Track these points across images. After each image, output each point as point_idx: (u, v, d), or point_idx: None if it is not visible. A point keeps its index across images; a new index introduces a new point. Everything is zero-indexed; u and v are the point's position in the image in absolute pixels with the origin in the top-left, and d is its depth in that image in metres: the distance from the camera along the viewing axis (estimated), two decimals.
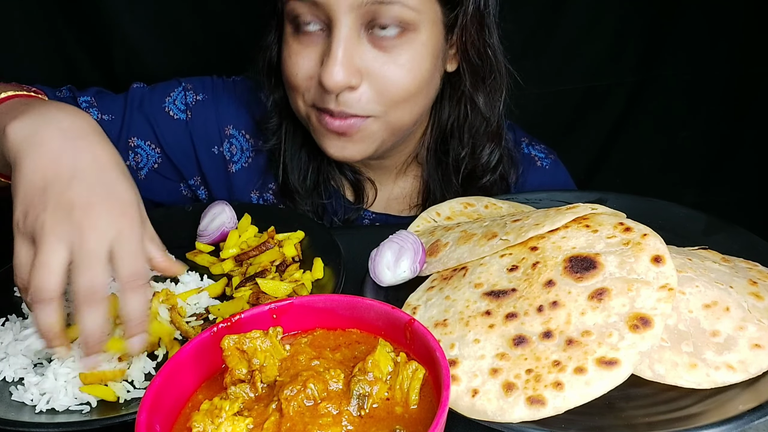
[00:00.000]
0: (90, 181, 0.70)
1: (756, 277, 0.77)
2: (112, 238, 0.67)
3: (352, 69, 0.95)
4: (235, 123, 1.22)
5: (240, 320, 0.66)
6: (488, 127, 1.14)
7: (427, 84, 1.03)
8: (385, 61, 0.97)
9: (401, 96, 1.00)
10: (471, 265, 0.83)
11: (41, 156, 0.70)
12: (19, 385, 0.76)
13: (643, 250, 0.73)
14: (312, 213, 1.20)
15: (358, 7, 0.92)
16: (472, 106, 1.12)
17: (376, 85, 0.98)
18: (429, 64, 1.01)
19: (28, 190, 0.68)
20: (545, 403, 0.63)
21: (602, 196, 1.04)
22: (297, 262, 0.96)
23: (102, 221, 0.67)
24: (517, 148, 1.28)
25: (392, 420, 0.57)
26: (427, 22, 0.98)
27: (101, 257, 0.67)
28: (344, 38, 0.94)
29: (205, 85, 1.22)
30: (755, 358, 0.66)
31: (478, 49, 1.06)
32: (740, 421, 0.60)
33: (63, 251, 0.66)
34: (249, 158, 1.22)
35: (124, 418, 0.68)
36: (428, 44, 1.00)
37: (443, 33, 1.03)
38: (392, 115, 1.02)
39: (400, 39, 0.96)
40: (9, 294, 0.92)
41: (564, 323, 0.69)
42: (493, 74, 1.10)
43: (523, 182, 1.27)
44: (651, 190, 1.06)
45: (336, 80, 0.94)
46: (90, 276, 0.66)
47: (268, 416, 0.57)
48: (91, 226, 0.67)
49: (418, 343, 0.63)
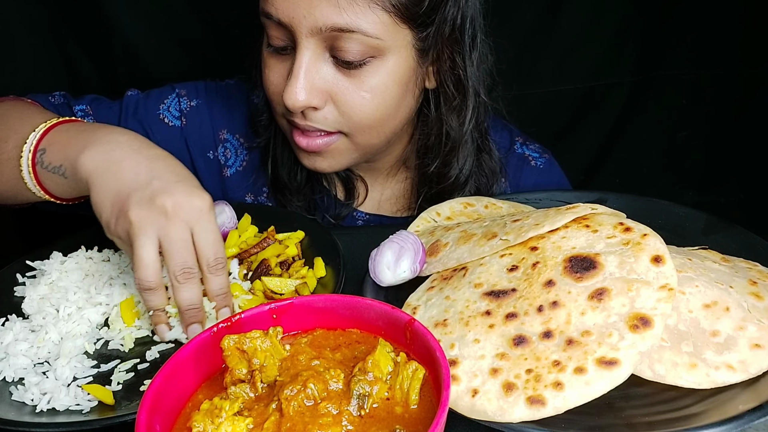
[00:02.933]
0: (167, 177, 0.79)
1: (756, 277, 0.77)
2: (192, 221, 0.77)
3: (314, 91, 0.95)
4: (228, 127, 1.22)
5: (240, 320, 0.66)
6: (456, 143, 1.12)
7: (395, 109, 1.02)
8: (349, 87, 0.96)
9: (366, 122, 1.00)
10: (471, 265, 0.83)
11: (121, 170, 0.79)
12: (20, 385, 0.76)
13: (643, 250, 0.73)
14: (303, 209, 1.20)
15: (319, 33, 0.91)
16: (439, 126, 1.10)
17: (340, 108, 0.98)
18: (397, 90, 0.99)
19: (115, 198, 0.78)
20: (545, 403, 0.63)
21: (602, 196, 1.04)
22: (302, 260, 0.96)
23: (183, 202, 0.76)
24: (511, 148, 1.27)
25: (392, 420, 0.57)
26: (394, 47, 0.96)
27: (186, 241, 0.77)
28: (306, 60, 0.93)
29: (199, 91, 1.22)
30: (755, 358, 0.66)
31: (453, 71, 1.04)
32: (740, 421, 0.60)
33: (153, 246, 0.75)
34: (243, 161, 1.23)
35: (124, 418, 0.68)
36: (396, 70, 0.98)
37: (416, 56, 1.00)
38: (359, 138, 1.02)
39: (365, 66, 0.95)
40: (9, 294, 0.92)
41: (564, 323, 0.69)
42: (467, 95, 1.07)
43: (517, 182, 1.26)
44: (651, 190, 1.06)
45: (293, 101, 0.94)
46: (178, 259, 0.76)
47: (268, 416, 0.57)
48: (174, 214, 0.76)
49: (418, 343, 0.63)
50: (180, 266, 0.76)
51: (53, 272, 0.92)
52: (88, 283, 0.91)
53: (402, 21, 0.94)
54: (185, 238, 0.77)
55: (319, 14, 0.89)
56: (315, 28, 0.91)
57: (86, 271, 0.94)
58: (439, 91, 1.07)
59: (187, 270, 0.77)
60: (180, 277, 0.76)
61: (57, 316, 0.85)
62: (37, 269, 0.96)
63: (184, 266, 0.76)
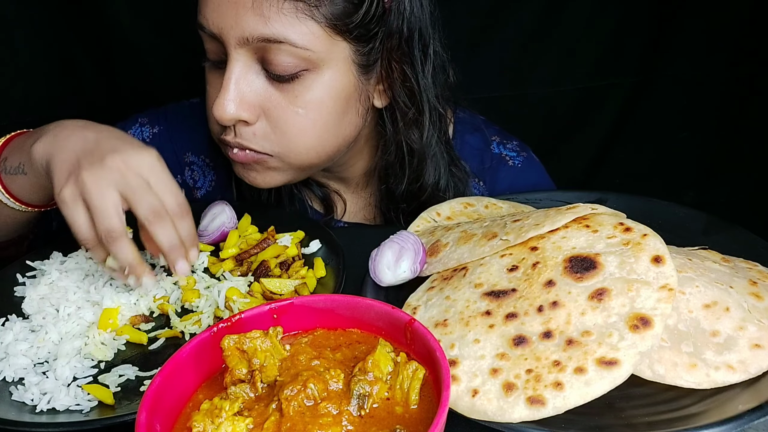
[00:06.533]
0: (112, 139, 0.82)
1: (756, 277, 0.77)
2: (146, 174, 0.80)
3: (245, 104, 0.93)
4: (192, 149, 1.20)
5: (240, 320, 0.66)
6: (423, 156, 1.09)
7: (334, 126, 0.98)
8: (282, 102, 0.94)
9: (300, 140, 0.96)
10: (471, 266, 0.83)
11: (68, 143, 0.82)
12: (20, 385, 0.76)
13: (643, 251, 0.73)
14: None
15: (247, 43, 0.89)
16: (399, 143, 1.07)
17: (272, 124, 0.95)
18: (334, 106, 0.96)
19: (64, 167, 0.80)
20: (545, 403, 0.63)
21: (602, 196, 1.03)
22: (301, 260, 0.96)
23: (133, 158, 0.79)
24: (487, 149, 1.24)
25: (392, 420, 0.57)
26: (329, 60, 0.93)
27: (146, 187, 0.79)
28: (235, 72, 0.91)
29: (159, 116, 1.21)
30: (755, 358, 0.66)
31: (405, 84, 1.01)
32: (740, 421, 0.60)
33: (113, 193, 0.77)
34: (212, 181, 1.21)
35: (124, 418, 0.68)
36: (333, 85, 0.94)
37: (357, 71, 0.96)
38: (292, 157, 0.98)
39: (298, 79, 0.92)
40: (9, 294, 0.92)
41: (564, 323, 0.69)
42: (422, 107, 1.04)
43: (493, 182, 1.24)
44: (651, 190, 1.06)
45: (221, 113, 0.92)
46: (145, 203, 0.78)
47: (268, 416, 0.57)
48: (127, 166, 0.78)
49: (418, 343, 0.63)
50: (148, 208, 0.79)
51: (53, 272, 0.92)
52: (88, 283, 0.91)
53: (335, 33, 0.91)
54: (144, 185, 0.79)
55: (246, 24, 0.88)
56: (242, 39, 0.89)
57: (86, 271, 0.94)
58: (394, 107, 1.04)
59: (156, 210, 0.79)
60: (152, 219, 0.79)
61: (57, 316, 0.85)
62: (37, 269, 0.96)
63: (152, 207, 0.79)
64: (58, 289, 0.89)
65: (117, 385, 0.75)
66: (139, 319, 0.86)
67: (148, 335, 0.84)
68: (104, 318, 0.84)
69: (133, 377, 0.76)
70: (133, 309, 0.87)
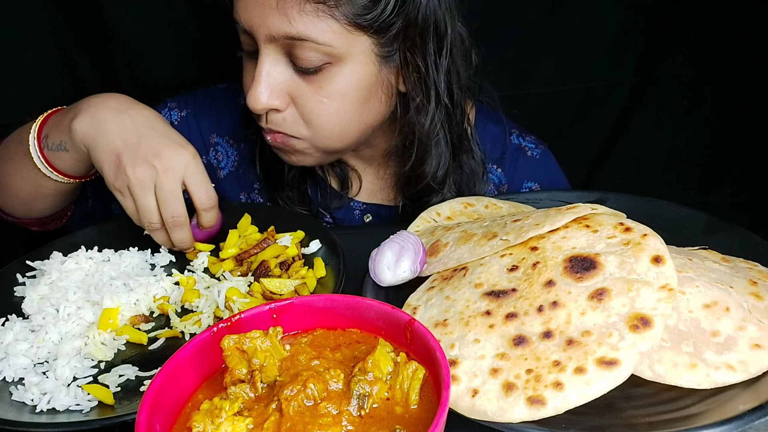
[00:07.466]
0: (151, 136, 0.94)
1: (756, 277, 0.77)
2: (182, 173, 0.93)
3: (276, 93, 1.00)
4: (217, 130, 1.28)
5: (240, 320, 0.66)
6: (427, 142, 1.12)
7: (357, 114, 1.04)
8: (308, 92, 1.00)
9: (325, 126, 1.03)
10: (471, 265, 0.83)
11: (108, 132, 0.93)
12: (20, 385, 0.76)
13: (643, 251, 0.73)
14: (295, 201, 1.23)
15: (274, 40, 0.95)
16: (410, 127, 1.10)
17: (300, 111, 1.02)
18: (357, 95, 1.02)
19: (110, 156, 0.93)
20: (545, 403, 0.63)
21: (602, 196, 1.04)
22: (301, 260, 0.96)
23: (172, 161, 0.92)
24: (507, 139, 1.29)
25: (392, 420, 0.57)
26: (351, 54, 0.98)
27: (176, 193, 0.93)
28: (266, 64, 0.98)
29: (188, 101, 1.29)
30: (755, 358, 0.66)
31: (417, 73, 1.04)
32: (740, 421, 0.60)
33: (152, 196, 0.93)
34: (235, 162, 1.28)
35: (124, 418, 0.68)
36: (355, 76, 1.00)
37: (378, 61, 1.01)
38: (319, 141, 1.05)
39: (322, 72, 0.98)
40: (9, 294, 0.92)
41: (564, 323, 0.69)
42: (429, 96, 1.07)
43: (512, 170, 1.28)
44: (651, 190, 1.06)
45: (254, 102, 0.99)
46: (169, 210, 0.93)
47: (268, 416, 0.57)
48: (165, 169, 0.92)
49: (418, 343, 0.63)
50: (171, 215, 0.93)
51: (53, 272, 0.92)
52: (88, 283, 0.91)
53: (356, 28, 0.96)
54: (175, 189, 0.93)
55: (271, 24, 0.94)
56: (270, 36, 0.95)
57: (86, 271, 0.94)
58: (410, 94, 1.08)
59: (176, 217, 0.94)
60: (171, 224, 0.94)
61: (57, 316, 0.85)
62: (37, 269, 0.96)
63: (174, 214, 0.93)
64: (58, 289, 0.90)
65: (117, 385, 0.75)
66: (139, 319, 0.86)
67: (148, 335, 0.84)
68: (104, 318, 0.84)
69: (133, 377, 0.76)
70: (133, 309, 0.87)
